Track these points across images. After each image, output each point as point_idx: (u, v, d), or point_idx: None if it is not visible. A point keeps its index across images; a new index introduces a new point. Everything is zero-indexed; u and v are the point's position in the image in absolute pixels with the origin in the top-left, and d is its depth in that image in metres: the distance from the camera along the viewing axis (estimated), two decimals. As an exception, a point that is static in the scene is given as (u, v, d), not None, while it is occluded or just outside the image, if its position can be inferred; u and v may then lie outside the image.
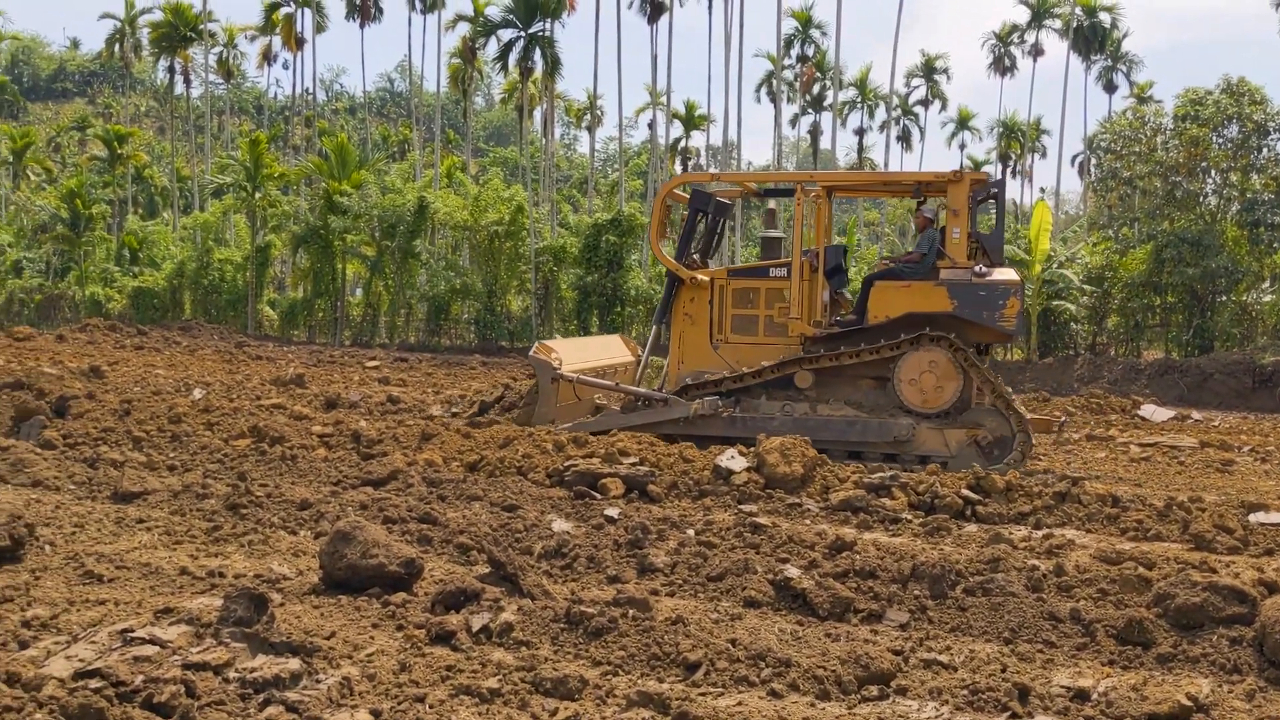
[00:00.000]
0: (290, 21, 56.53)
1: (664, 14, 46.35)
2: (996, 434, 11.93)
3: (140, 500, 8.07)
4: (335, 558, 5.80)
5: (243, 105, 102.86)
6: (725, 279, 13.27)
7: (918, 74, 64.45)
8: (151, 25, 57.40)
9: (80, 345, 26.49)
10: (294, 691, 4.15)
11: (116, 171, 56.85)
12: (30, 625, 4.85)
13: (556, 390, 12.74)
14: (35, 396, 11.85)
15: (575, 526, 7.57)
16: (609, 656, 5.01)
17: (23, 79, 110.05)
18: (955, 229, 12.14)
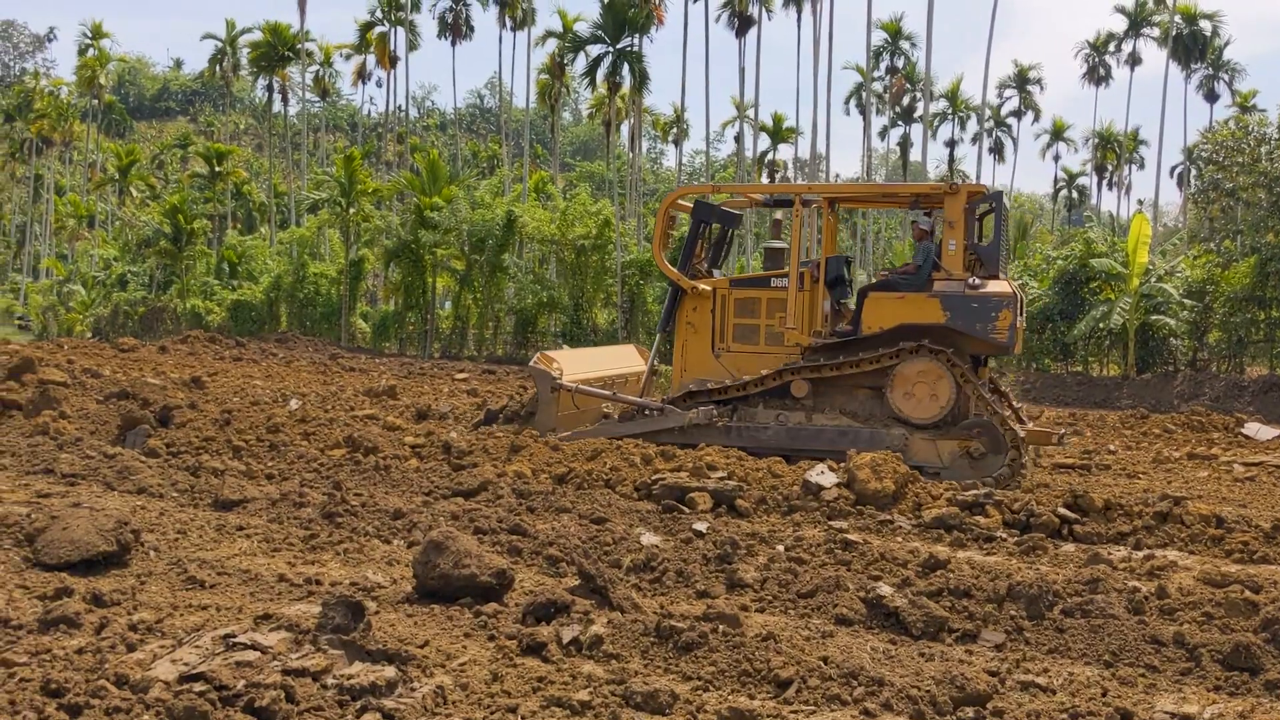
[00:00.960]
0: (384, 40, 57.74)
1: (752, 27, 46.36)
2: (989, 445, 11.87)
3: (240, 508, 8.27)
4: (428, 567, 5.87)
5: (337, 122, 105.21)
6: (727, 289, 13.42)
7: (1010, 84, 63.51)
8: (251, 45, 59.13)
9: (182, 356, 27.28)
10: (390, 699, 4.21)
11: (217, 188, 58.52)
12: (137, 629, 4.99)
13: (557, 399, 12.92)
14: (140, 406, 12.23)
15: (663, 540, 7.57)
16: (699, 671, 4.99)
17: (129, 99, 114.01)
18: (951, 241, 12.24)
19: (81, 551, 6.25)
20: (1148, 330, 28.71)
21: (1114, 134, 64.06)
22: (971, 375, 12.08)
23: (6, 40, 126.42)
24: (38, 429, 11.10)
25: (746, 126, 52.12)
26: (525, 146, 57.88)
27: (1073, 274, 29.79)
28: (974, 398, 12.11)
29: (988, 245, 12.52)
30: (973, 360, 12.61)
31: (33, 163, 78.05)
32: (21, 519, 7.05)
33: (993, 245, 12.45)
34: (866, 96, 49.96)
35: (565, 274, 38.20)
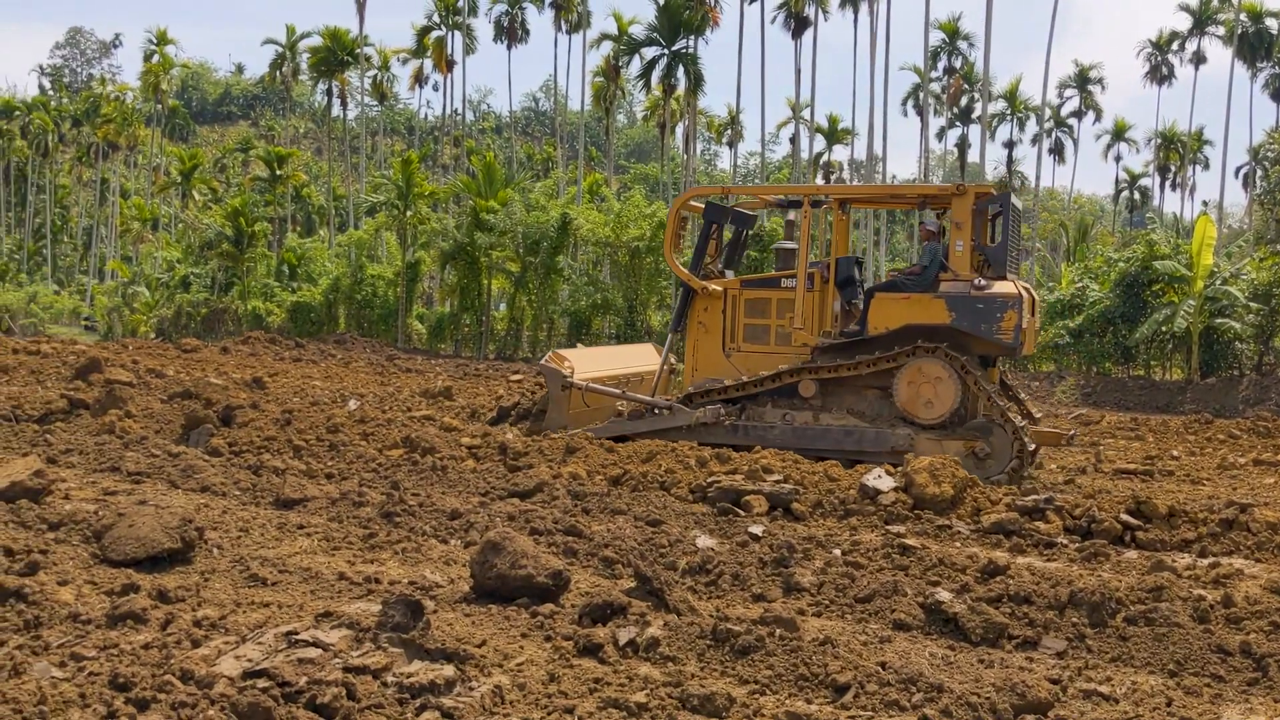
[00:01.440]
0: (441, 44, 58.24)
1: (808, 28, 46.16)
2: (994, 446, 11.96)
3: (300, 507, 8.38)
4: (485, 567, 5.92)
5: (395, 126, 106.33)
6: (738, 289, 13.60)
7: (1071, 84, 62.64)
8: (310, 50, 59.96)
9: (243, 357, 27.70)
10: (449, 698, 4.25)
11: (277, 191, 59.38)
12: (201, 625, 5.07)
13: (568, 398, 13.23)
14: (203, 406, 12.44)
15: (719, 543, 7.55)
16: (756, 675, 4.98)
17: (191, 103, 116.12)
18: (959, 242, 12.34)
19: (148, 548, 6.37)
20: (1212, 334, 28.16)
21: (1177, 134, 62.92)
22: (979, 375, 12.12)
23: (75, 47, 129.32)
24: (104, 428, 11.33)
25: (802, 128, 51.93)
26: (580, 149, 58.09)
27: (1135, 276, 29.31)
28: (981, 398, 12.16)
29: (995, 246, 12.55)
30: (982, 360, 12.65)
31: (99, 167, 79.79)
32: (90, 516, 7.21)
33: (1000, 246, 12.48)
34: (924, 97, 49.48)
35: (619, 276, 38.28)
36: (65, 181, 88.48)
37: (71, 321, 64.83)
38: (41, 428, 11.41)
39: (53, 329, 57.64)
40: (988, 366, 12.82)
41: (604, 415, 13.65)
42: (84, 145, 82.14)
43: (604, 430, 12.87)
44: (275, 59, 64.31)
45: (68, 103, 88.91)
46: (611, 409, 13.68)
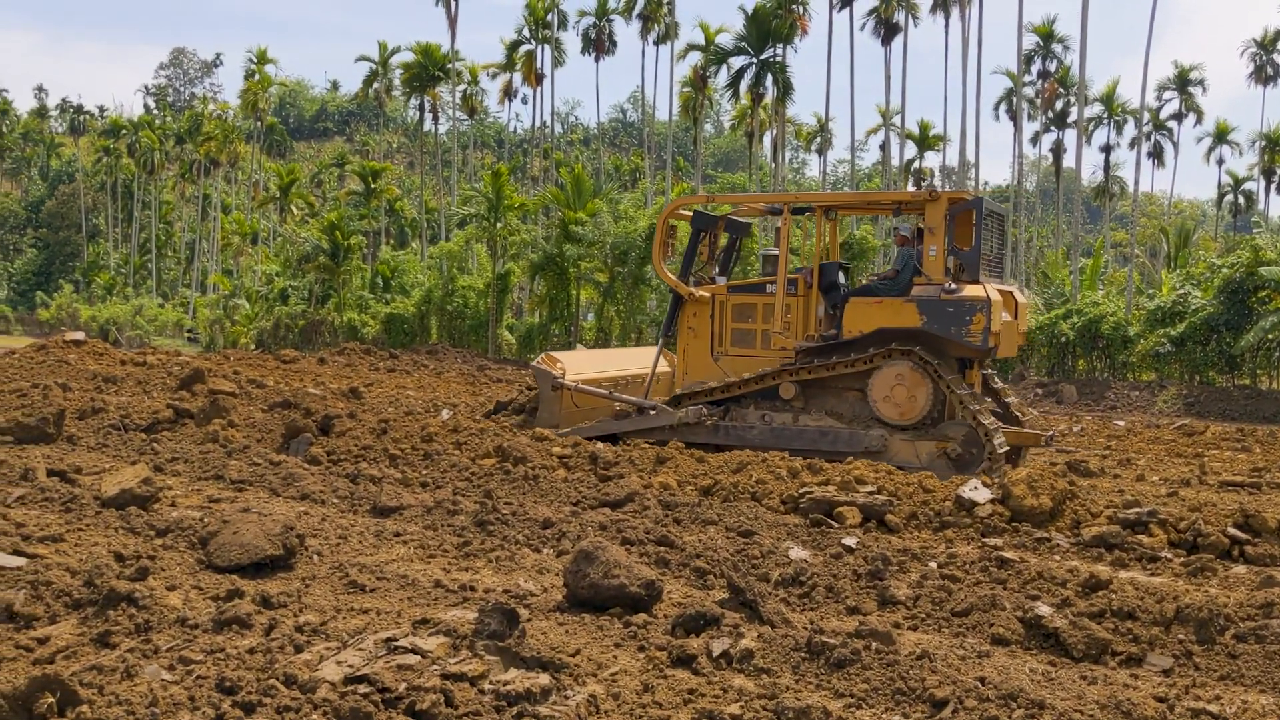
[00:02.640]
0: (530, 58, 58.87)
1: (898, 34, 45.67)
2: (966, 446, 12.23)
3: (397, 515, 8.51)
4: (578, 576, 5.95)
5: (485, 139, 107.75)
6: (725, 294, 14.01)
7: (1170, 86, 60.92)
8: (403, 66, 61.03)
9: (339, 367, 28.28)
10: (544, 706, 4.27)
11: (371, 205, 60.56)
12: (303, 630, 5.18)
13: (559, 398, 13.82)
14: (303, 415, 12.71)
15: (812, 555, 7.49)
16: (852, 689, 4.92)
17: (289, 120, 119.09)
18: (932, 247, 12.69)
19: (251, 555, 6.53)
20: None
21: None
22: (949, 377, 12.34)
23: (178, 67, 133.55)
24: (208, 436, 11.65)
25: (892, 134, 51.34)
26: (668, 159, 58.20)
27: (1239, 283, 28.40)
28: (954, 400, 12.37)
29: (969, 251, 12.74)
30: (962, 362, 13.00)
31: (201, 183, 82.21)
32: (195, 523, 7.42)
33: (973, 251, 12.70)
34: (1017, 102, 48.53)
35: (707, 285, 38.21)
36: (169, 197, 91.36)
37: (175, 333, 66.86)
38: (149, 436, 11.77)
39: (157, 340, 59.52)
40: (967, 368, 13.15)
41: (595, 415, 14.10)
42: (187, 162, 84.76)
43: (591, 430, 13.41)
44: (369, 75, 65.61)
45: (171, 121, 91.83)
46: (602, 409, 14.13)
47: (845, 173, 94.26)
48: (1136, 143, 48.72)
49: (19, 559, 6.09)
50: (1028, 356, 32.60)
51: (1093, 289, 37.16)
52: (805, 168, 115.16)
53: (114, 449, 11.14)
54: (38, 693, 3.92)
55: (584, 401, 14.07)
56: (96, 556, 6.27)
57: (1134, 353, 30.47)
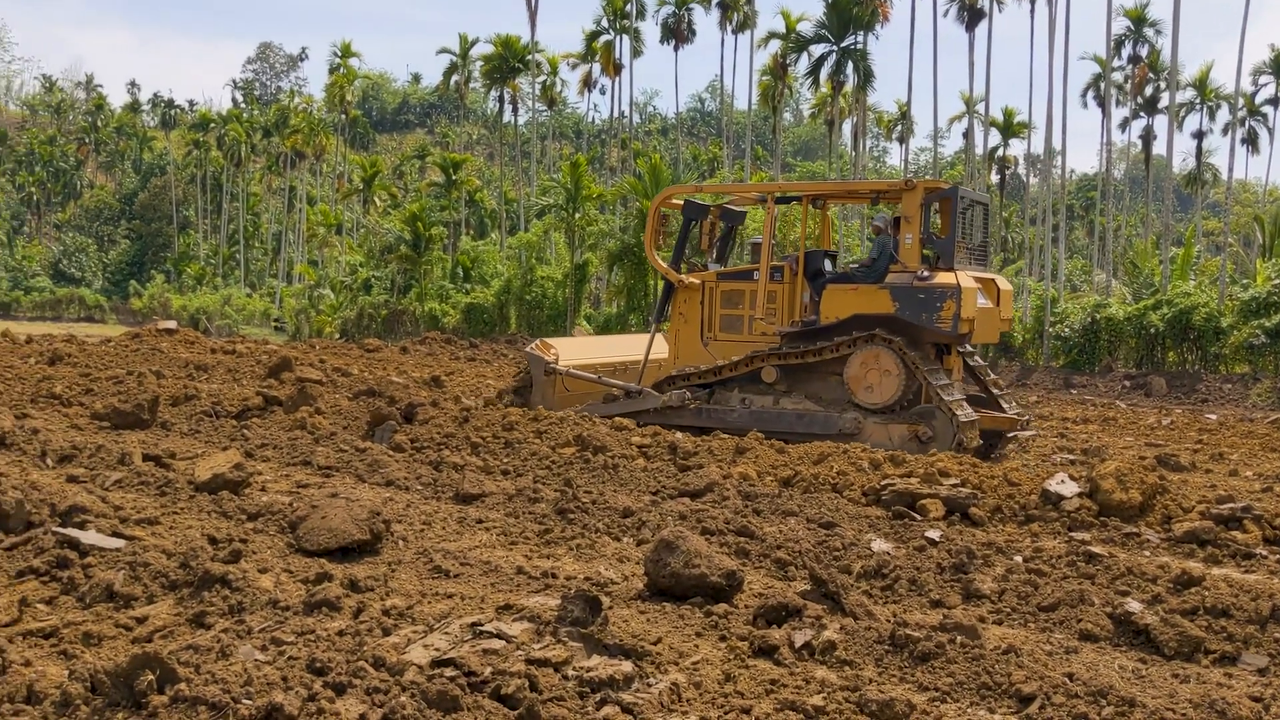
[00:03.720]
0: (609, 49, 58.96)
1: (982, 20, 44.84)
2: (936, 430, 12.56)
3: (479, 502, 8.61)
4: (659, 565, 5.96)
5: (563, 130, 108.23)
6: (714, 282, 14.47)
7: (1266, 70, 58.91)
8: (483, 58, 61.58)
9: (421, 356, 28.68)
10: (628, 693, 4.30)
11: (452, 196, 61.24)
12: (390, 614, 5.27)
13: (552, 382, 14.51)
14: (387, 403, 12.92)
15: (895, 547, 7.42)
16: (936, 682, 4.87)
17: (372, 113, 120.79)
18: (908, 235, 13.04)
19: (339, 539, 6.66)
20: None
21: (1389, 119, 58.50)
22: (919, 362, 12.68)
23: (265, 61, 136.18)
24: (296, 423, 11.89)
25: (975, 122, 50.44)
26: (746, 148, 57.95)
27: (1339, 272, 27.47)
28: (925, 385, 12.69)
29: (944, 239, 13.04)
30: (938, 349, 13.33)
31: (287, 175, 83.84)
32: (285, 507, 7.58)
33: (947, 239, 13.01)
34: (1106, 88, 47.34)
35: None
36: (256, 190, 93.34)
37: (262, 323, 68.35)
38: (239, 423, 12.06)
39: (245, 329, 60.90)
40: (945, 354, 13.48)
41: (586, 399, 14.64)
42: (273, 155, 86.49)
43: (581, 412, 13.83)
44: (449, 68, 66.29)
45: (258, 115, 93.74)
46: (593, 394, 14.70)
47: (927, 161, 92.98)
48: (1230, 129, 47.33)
49: (118, 540, 6.28)
50: (1116, 349, 31.91)
51: (1184, 279, 36.21)
52: (886, 156, 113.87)
53: (206, 435, 11.43)
54: (139, 670, 4.05)
55: (575, 386, 14.65)
56: (191, 539, 6.44)
57: (1227, 345, 29.62)
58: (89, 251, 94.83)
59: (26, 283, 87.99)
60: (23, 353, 20.00)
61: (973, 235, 13.60)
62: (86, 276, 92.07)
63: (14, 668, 4.41)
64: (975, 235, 13.68)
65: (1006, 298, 13.96)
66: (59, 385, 14.46)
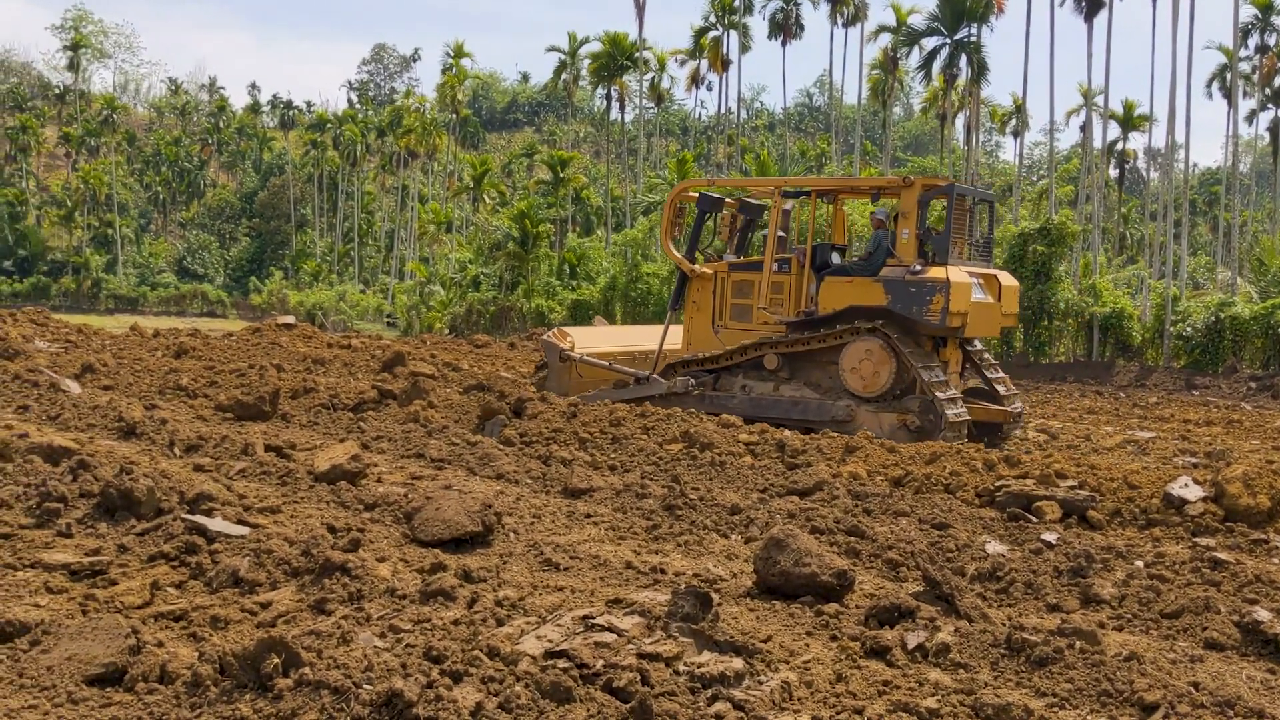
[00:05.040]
0: (717, 44, 58.86)
1: (1101, 9, 43.54)
2: (924, 418, 12.96)
3: (587, 496, 8.69)
4: (769, 563, 5.94)
5: (670, 127, 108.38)
6: (726, 272, 15.03)
7: (1407, 56, 56.01)
8: (591, 56, 62.03)
9: (528, 352, 29.03)
10: (739, 690, 4.30)
11: (559, 193, 61.82)
12: (502, 604, 5.35)
13: (567, 368, 15.15)
14: (497, 398, 13.12)
15: (1010, 550, 7.27)
16: (1054, 688, 4.76)
17: (481, 112, 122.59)
18: (905, 230, 13.52)
19: (452, 530, 6.79)
20: None
21: None
22: (913, 354, 13.09)
23: (379, 63, 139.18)
24: (410, 416, 12.15)
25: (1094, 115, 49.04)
26: (856, 143, 57.31)
27: None
28: (917, 375, 13.04)
29: (940, 235, 13.51)
30: (935, 341, 13.78)
31: (400, 174, 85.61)
32: (400, 498, 7.75)
33: (943, 235, 13.46)
34: (1231, 78, 45.51)
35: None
36: (370, 188, 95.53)
37: (375, 318, 69.92)
38: (355, 416, 12.36)
39: (359, 325, 62.38)
40: (941, 346, 13.89)
41: (599, 385, 15.22)
42: (387, 154, 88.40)
43: (591, 397, 14.46)
44: (559, 66, 66.90)
45: (373, 115, 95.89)
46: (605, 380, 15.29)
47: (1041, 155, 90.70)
48: (1368, 119, 45.12)
49: (243, 528, 6.50)
50: (1241, 349, 30.73)
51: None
52: (999, 150, 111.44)
53: (324, 427, 11.75)
54: (265, 654, 4.18)
55: (588, 373, 15.28)
56: (311, 528, 6.63)
57: (1363, 345, 28.30)
58: (211, 249, 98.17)
59: (153, 279, 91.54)
60: (150, 346, 20.81)
61: (974, 231, 14.08)
62: (209, 273, 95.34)
63: (148, 648, 4.60)
64: (977, 231, 14.21)
65: (1009, 293, 14.31)
66: (185, 378, 15.01)
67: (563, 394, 14.30)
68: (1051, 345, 34.38)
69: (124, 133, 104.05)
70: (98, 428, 10.66)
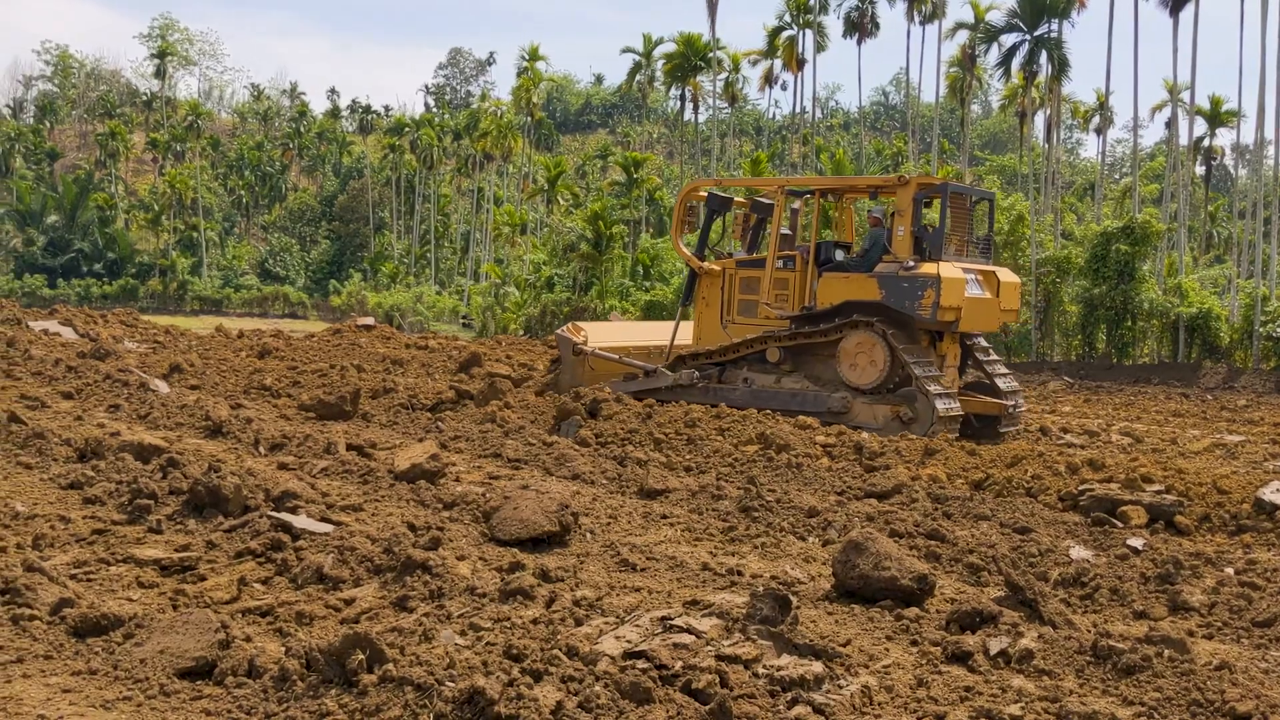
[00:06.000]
0: (792, 44, 58.47)
1: (1187, 3, 42.43)
2: (916, 411, 13.26)
3: (662, 497, 8.69)
4: (848, 566, 5.90)
5: (744, 127, 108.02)
6: (734, 269, 15.46)
7: None
8: (665, 57, 62.00)
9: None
10: (819, 694, 4.27)
11: (632, 194, 61.90)
12: (580, 604, 5.38)
13: (581, 362, 15.58)
14: (572, 399, 13.19)
15: (1095, 555, 7.13)
16: (1141, 697, 4.66)
17: (555, 114, 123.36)
18: (900, 227, 13.91)
19: (529, 530, 6.85)
20: None
21: None
22: (906, 347, 13.41)
23: (455, 67, 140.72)
24: (487, 417, 12.27)
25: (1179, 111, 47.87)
26: (933, 141, 56.57)
27: None
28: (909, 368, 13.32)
29: (934, 232, 13.87)
30: (932, 335, 14.10)
31: (475, 176, 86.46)
32: (478, 497, 7.84)
33: (937, 232, 13.84)
34: (1326, 70, 44.16)
35: (974, 272, 36.85)
36: (446, 191, 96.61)
37: (451, 319, 70.68)
38: (433, 415, 12.52)
39: (435, 326, 63.12)
40: (938, 340, 14.22)
41: (611, 377, 15.54)
42: (463, 157, 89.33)
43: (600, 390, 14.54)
44: (633, 67, 67.03)
45: (449, 118, 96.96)
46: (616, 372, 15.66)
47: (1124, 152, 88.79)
48: None
49: (326, 525, 6.62)
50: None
51: None
52: (1080, 148, 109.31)
53: (403, 426, 11.92)
54: (350, 650, 4.26)
55: (600, 366, 15.71)
56: (392, 526, 6.74)
57: None
58: (292, 251, 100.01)
59: (236, 281, 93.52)
60: (235, 347, 21.28)
61: (972, 229, 14.55)
62: (290, 275, 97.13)
63: (237, 643, 4.71)
64: (977, 229, 14.70)
65: (1008, 289, 14.59)
66: (269, 378, 15.33)
67: (575, 387, 14.77)
68: (1135, 346, 33.61)
69: (208, 138, 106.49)
70: (186, 426, 10.94)
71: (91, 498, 7.52)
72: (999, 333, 15.87)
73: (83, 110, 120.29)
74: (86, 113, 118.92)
